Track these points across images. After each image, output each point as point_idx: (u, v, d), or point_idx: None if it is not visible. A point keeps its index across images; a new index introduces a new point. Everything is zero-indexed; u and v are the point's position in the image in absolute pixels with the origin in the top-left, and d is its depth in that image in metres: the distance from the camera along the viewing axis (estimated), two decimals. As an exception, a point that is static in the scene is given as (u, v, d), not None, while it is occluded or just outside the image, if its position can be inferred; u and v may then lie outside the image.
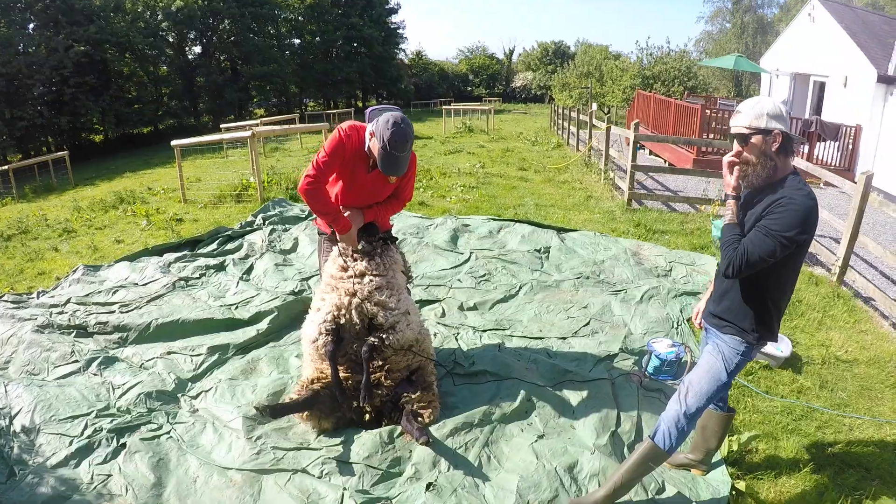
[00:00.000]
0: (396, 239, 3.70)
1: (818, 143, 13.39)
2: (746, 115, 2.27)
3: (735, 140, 2.32)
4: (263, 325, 4.60)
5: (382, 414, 3.35)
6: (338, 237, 3.34)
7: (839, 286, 6.04)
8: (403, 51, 47.85)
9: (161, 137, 31.34)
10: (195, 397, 3.67)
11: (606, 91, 31.52)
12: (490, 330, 4.68)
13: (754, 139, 2.26)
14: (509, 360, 4.02)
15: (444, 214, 8.18)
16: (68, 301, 5.04)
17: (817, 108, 16.33)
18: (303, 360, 3.63)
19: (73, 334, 4.44)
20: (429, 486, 2.85)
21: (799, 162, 8.04)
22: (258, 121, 18.52)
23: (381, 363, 3.37)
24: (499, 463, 3.07)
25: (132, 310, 4.89)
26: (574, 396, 3.64)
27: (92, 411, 3.40)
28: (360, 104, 43.03)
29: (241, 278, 5.73)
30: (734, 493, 2.94)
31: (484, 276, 5.86)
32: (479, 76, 53.94)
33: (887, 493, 3.02)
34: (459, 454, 3.08)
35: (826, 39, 15.41)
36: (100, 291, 5.30)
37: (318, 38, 42.97)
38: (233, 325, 4.64)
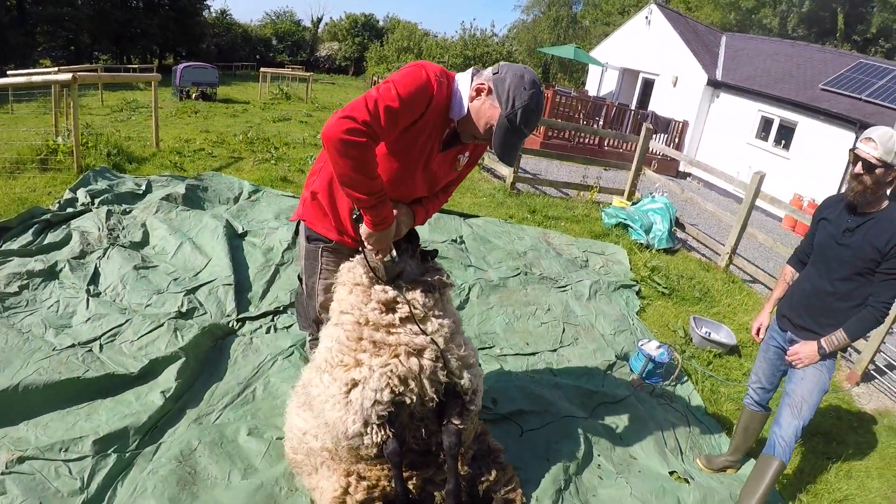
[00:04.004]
0: (436, 252, 2.41)
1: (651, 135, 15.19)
2: (878, 148, 2.38)
3: (859, 163, 2.44)
4: (168, 380, 2.85)
5: None
6: (363, 236, 1.99)
7: (725, 272, 6.84)
8: (208, 7, 41.64)
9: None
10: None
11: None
12: (478, 349, 3.78)
13: (878, 171, 2.40)
14: (536, 388, 3.39)
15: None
16: None
17: (642, 102, 18.32)
18: (302, 459, 2.20)
19: None
20: None
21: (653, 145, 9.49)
22: (55, 69, 14.02)
23: None
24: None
25: None
26: (613, 420, 3.30)
27: None
28: (156, 61, 36.20)
29: (87, 292, 3.69)
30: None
31: (418, 275, 4.86)
32: (284, 42, 49.62)
33: (852, 455, 3.61)
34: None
35: (660, 42, 17.17)
36: None
37: (117, -17, 35.06)
38: (113, 385, 2.78)
